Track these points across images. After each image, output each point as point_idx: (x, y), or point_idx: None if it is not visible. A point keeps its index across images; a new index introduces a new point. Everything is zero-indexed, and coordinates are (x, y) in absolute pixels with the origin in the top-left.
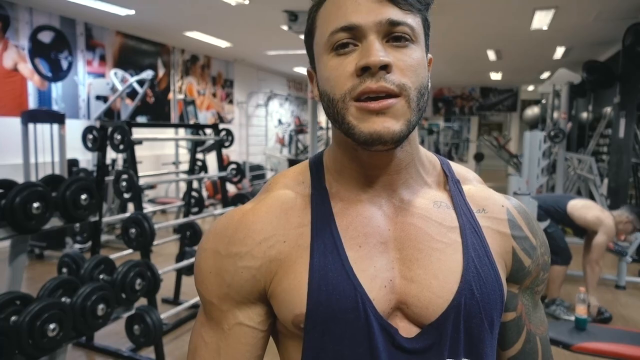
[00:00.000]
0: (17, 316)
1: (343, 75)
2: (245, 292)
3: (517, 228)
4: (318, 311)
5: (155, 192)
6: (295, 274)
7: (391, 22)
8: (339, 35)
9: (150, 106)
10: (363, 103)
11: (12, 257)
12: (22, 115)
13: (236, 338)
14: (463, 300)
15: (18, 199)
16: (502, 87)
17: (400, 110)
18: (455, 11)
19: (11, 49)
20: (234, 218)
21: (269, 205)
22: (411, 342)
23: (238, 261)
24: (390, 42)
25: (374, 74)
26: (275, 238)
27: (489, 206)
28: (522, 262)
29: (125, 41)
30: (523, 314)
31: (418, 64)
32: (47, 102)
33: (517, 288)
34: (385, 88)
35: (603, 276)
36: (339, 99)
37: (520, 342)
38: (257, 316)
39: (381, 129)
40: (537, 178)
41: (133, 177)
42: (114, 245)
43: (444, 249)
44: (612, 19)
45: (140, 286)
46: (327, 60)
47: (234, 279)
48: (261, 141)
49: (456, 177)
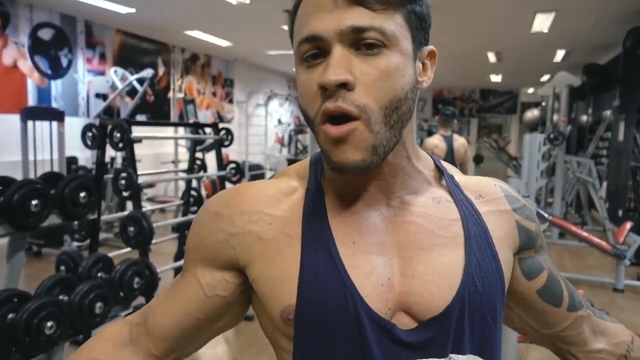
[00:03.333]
0: (15, 314)
1: (310, 93)
2: (212, 252)
3: (514, 200)
4: (308, 307)
5: (154, 191)
6: (285, 264)
7: (355, 29)
8: (304, 47)
9: (150, 105)
10: (326, 127)
11: (10, 254)
12: (21, 113)
13: (184, 287)
14: (467, 294)
15: (16, 196)
16: (502, 89)
17: (358, 137)
18: (456, 13)
19: (11, 46)
20: (234, 187)
21: (265, 187)
22: (410, 335)
23: (217, 221)
24: (361, 49)
25: (333, 93)
26: (259, 216)
27: (484, 190)
28: (528, 229)
29: (125, 39)
30: (550, 267)
31: (390, 74)
32: (46, 100)
33: (534, 251)
34: (341, 109)
35: (602, 279)
36: (312, 119)
37: (565, 289)
38: (211, 278)
39: (342, 158)
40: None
41: (132, 176)
42: (113, 243)
43: (446, 243)
44: (612, 22)
45: (139, 285)
46: (299, 73)
47: (207, 235)
48: (261, 141)
49: (449, 171)
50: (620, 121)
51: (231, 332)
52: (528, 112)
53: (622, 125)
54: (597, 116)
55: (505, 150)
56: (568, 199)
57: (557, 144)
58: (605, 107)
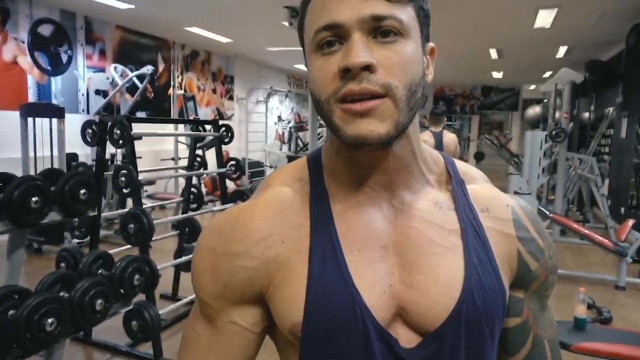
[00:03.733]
0: (15, 310)
1: (327, 76)
2: (240, 293)
3: (523, 229)
4: (315, 321)
5: (155, 188)
6: (295, 280)
7: (375, 17)
8: (322, 34)
9: (150, 101)
10: (347, 105)
11: (10, 251)
12: (21, 109)
13: (228, 336)
14: (464, 309)
15: (17, 192)
16: (504, 86)
17: (386, 112)
18: (458, 10)
19: (11, 42)
20: (231, 216)
21: (267, 203)
22: (410, 353)
23: (235, 260)
24: (377, 37)
25: (356, 75)
26: (273, 238)
27: (493, 205)
28: (528, 265)
29: (125, 36)
30: (530, 318)
31: (407, 60)
32: (46, 96)
33: (523, 293)
34: (368, 90)
35: (603, 277)
36: (324, 100)
37: (527, 347)
38: (251, 317)
39: (366, 131)
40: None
41: (132, 173)
42: (113, 240)
43: (444, 253)
44: (615, 18)
45: (139, 282)
46: (313, 60)
47: (230, 279)
48: (261, 138)
49: (460, 177)
50: (622, 118)
51: None
52: (530, 109)
53: (625, 122)
54: (600, 113)
55: (506, 147)
56: (570, 196)
57: (558, 141)
58: (607, 104)
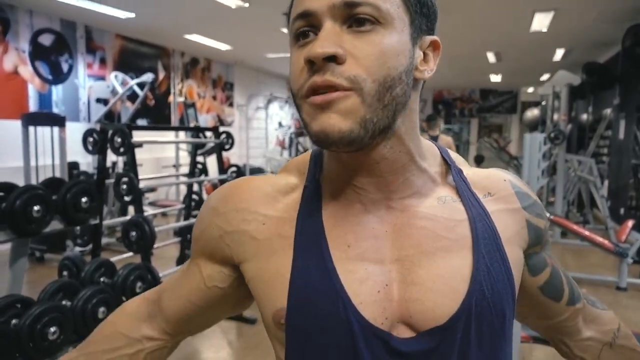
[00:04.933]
0: (18, 319)
1: (297, 69)
2: (210, 246)
3: (525, 197)
4: (298, 312)
5: (156, 195)
6: (278, 265)
7: (347, 4)
8: (298, 24)
9: (151, 109)
10: (310, 98)
11: (13, 260)
12: (22, 118)
13: (189, 275)
14: (474, 302)
15: (18, 202)
16: (502, 89)
17: (349, 107)
18: (455, 13)
19: (12, 51)
20: (235, 182)
21: (264, 184)
22: (409, 344)
23: (214, 216)
24: (353, 26)
25: (321, 67)
26: (253, 215)
27: (493, 186)
28: (539, 226)
29: (125, 44)
30: (551, 261)
31: (383, 51)
32: (47, 105)
33: (540, 247)
34: (329, 82)
35: (604, 278)
36: (295, 95)
37: (565, 283)
38: (211, 271)
39: (326, 126)
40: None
41: (133, 180)
42: (115, 248)
43: (450, 246)
44: (611, 20)
45: (141, 289)
46: (292, 53)
47: (205, 229)
48: (261, 144)
49: (457, 165)
50: (620, 119)
51: (234, 335)
52: (528, 111)
53: (623, 124)
54: (598, 114)
55: (505, 149)
56: (570, 197)
57: (557, 143)
58: (605, 106)
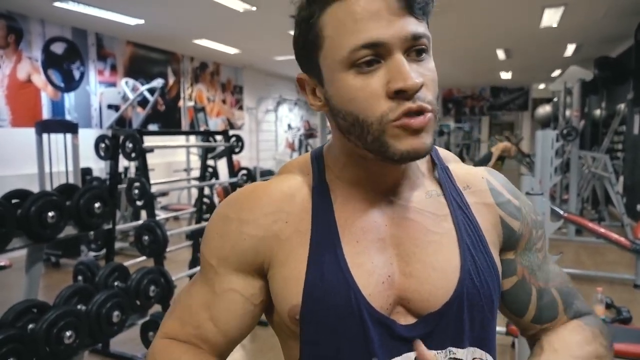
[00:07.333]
0: (34, 324)
1: (373, 97)
2: (244, 261)
3: (499, 194)
4: (313, 306)
5: (168, 199)
6: (295, 262)
7: (414, 36)
8: (362, 53)
9: (161, 114)
10: (404, 121)
11: (29, 265)
12: (36, 126)
13: (226, 303)
14: (465, 290)
15: (33, 208)
16: (513, 86)
17: (431, 125)
18: (464, 10)
19: (25, 61)
20: (247, 189)
21: (278, 185)
22: (409, 330)
23: (244, 226)
24: (411, 55)
25: (411, 96)
26: (278, 215)
27: (471, 180)
28: (511, 227)
29: (135, 50)
30: (527, 275)
31: (435, 76)
32: (60, 112)
33: (513, 253)
34: (423, 108)
35: (621, 276)
36: (374, 121)
37: (534, 303)
38: (251, 288)
39: (419, 145)
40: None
41: (145, 185)
42: (128, 252)
43: (439, 240)
44: (623, 14)
45: (154, 293)
46: (346, 79)
47: (237, 243)
48: (271, 146)
49: (444, 162)
50: (635, 114)
51: (247, 338)
52: (540, 108)
53: (637, 119)
54: (611, 110)
55: (517, 147)
56: (584, 195)
57: (570, 140)
58: (619, 101)
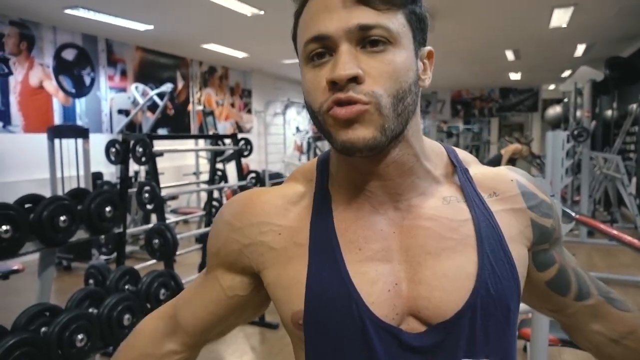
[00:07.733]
0: (47, 327)
1: (318, 88)
2: (230, 260)
3: (532, 197)
4: (314, 313)
5: (177, 203)
6: (295, 271)
7: (362, 27)
8: (312, 46)
9: (171, 118)
10: (333, 110)
11: (41, 269)
12: (48, 131)
13: (207, 286)
14: (479, 300)
15: (45, 212)
16: (522, 87)
17: (368, 118)
18: (472, 11)
19: (37, 67)
20: (246, 195)
21: (275, 195)
22: (418, 339)
23: (231, 232)
24: (367, 47)
25: (343, 86)
26: (269, 227)
27: (499, 186)
28: (544, 225)
29: (145, 56)
30: (562, 260)
31: (396, 69)
32: (71, 118)
33: (548, 244)
34: (352, 98)
35: (635, 278)
36: (317, 111)
37: (575, 281)
38: (230, 280)
39: (354, 137)
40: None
41: (155, 189)
42: (139, 255)
43: (454, 246)
44: (634, 13)
45: (165, 296)
46: (305, 72)
47: (224, 245)
48: (280, 149)
49: (464, 165)
50: None
51: (257, 341)
52: (550, 109)
53: None
54: (623, 110)
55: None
56: (596, 196)
57: (581, 141)
58: (630, 101)
